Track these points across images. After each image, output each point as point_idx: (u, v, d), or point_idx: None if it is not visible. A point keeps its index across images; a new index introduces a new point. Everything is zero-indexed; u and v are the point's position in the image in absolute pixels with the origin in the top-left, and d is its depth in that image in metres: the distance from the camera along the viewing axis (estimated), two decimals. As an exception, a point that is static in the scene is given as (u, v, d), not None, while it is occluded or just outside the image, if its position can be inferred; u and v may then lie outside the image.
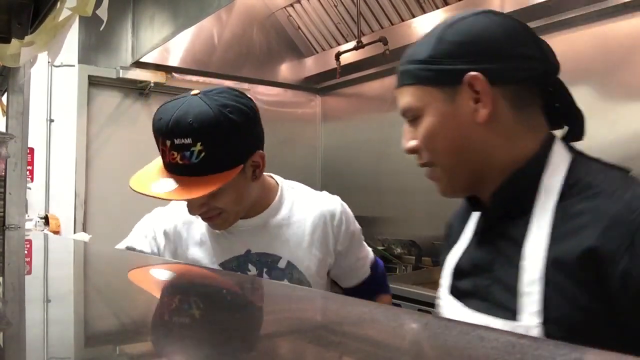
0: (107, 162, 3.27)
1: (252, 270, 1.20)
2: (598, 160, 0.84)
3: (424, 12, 3.03)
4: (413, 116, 0.83)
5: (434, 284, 2.51)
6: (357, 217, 1.39)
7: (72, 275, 1.03)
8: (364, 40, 3.07)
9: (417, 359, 0.43)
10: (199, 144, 1.04)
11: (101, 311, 0.69)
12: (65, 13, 1.39)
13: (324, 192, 1.36)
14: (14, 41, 1.61)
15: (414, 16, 3.10)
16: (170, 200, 1.16)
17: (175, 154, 1.05)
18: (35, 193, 3.06)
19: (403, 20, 3.17)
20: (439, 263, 0.96)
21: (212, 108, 1.06)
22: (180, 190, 1.06)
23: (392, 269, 3.06)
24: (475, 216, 0.89)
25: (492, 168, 0.80)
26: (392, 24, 3.24)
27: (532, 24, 2.66)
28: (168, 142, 1.05)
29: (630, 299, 0.67)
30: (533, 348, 0.41)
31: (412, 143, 0.85)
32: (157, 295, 0.80)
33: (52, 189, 3.18)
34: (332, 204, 1.30)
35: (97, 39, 3.27)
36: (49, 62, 3.11)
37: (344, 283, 1.37)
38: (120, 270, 1.07)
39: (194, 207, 1.13)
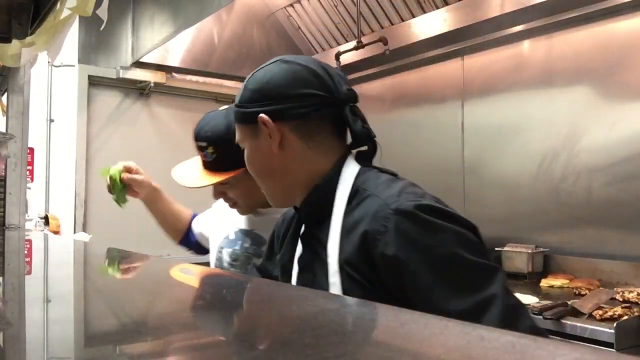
0: (107, 162, 3.26)
1: (247, 243, 1.54)
2: (376, 169, 1.02)
3: (424, 12, 3.03)
4: (242, 147, 1.06)
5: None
6: (357, 217, 1.39)
7: (72, 275, 1.04)
8: (364, 40, 3.07)
9: (417, 359, 0.43)
10: (211, 147, 1.42)
11: (101, 311, 0.69)
12: (65, 13, 1.39)
13: None
14: (15, 41, 1.61)
15: (414, 16, 3.10)
16: (189, 186, 1.46)
17: (200, 152, 1.46)
18: (35, 193, 3.06)
19: (403, 20, 3.17)
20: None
21: (226, 121, 1.40)
22: (196, 180, 1.45)
23: (392, 269, 3.06)
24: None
25: (296, 186, 1.01)
26: (392, 24, 3.23)
27: (532, 24, 2.69)
28: (195, 143, 1.46)
29: (389, 275, 0.86)
30: (533, 348, 0.41)
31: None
32: (157, 295, 0.80)
33: (52, 189, 3.18)
34: None
35: (97, 39, 3.27)
36: (49, 62, 3.11)
37: None
38: (120, 270, 1.07)
39: (215, 194, 1.51)
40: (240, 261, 1.54)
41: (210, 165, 1.45)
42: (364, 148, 1.03)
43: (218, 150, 1.41)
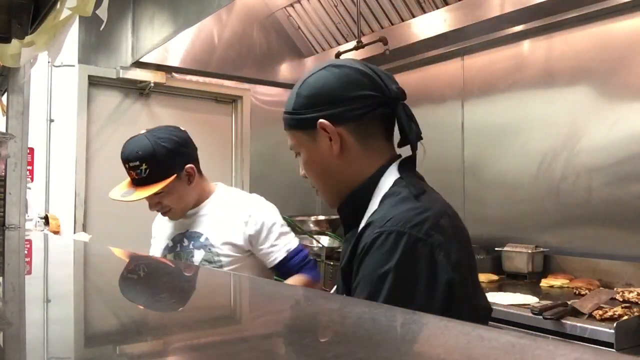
0: (107, 162, 3.27)
1: (186, 242, 1.79)
2: (412, 178, 1.01)
3: (424, 12, 3.03)
4: (296, 152, 1.08)
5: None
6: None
7: (72, 275, 1.04)
8: (364, 40, 3.07)
9: (417, 359, 0.43)
10: (144, 165, 1.66)
11: (101, 311, 0.69)
12: (65, 13, 1.39)
13: (253, 195, 1.94)
14: (14, 41, 1.61)
15: (414, 16, 3.10)
16: (132, 201, 1.69)
17: (133, 172, 1.69)
18: (35, 193, 3.06)
19: (403, 20, 3.17)
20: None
21: (151, 141, 1.68)
22: (137, 194, 1.68)
23: (392, 269, 3.06)
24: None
25: (350, 187, 1.03)
26: (392, 24, 3.24)
27: (532, 24, 2.69)
28: (127, 166, 1.70)
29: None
30: (533, 348, 0.41)
31: (302, 172, 1.10)
32: (158, 295, 0.80)
33: (52, 189, 3.18)
34: (250, 204, 1.84)
35: (97, 39, 3.27)
36: (49, 62, 3.11)
37: (266, 264, 1.79)
38: (120, 270, 1.07)
39: (151, 205, 1.77)
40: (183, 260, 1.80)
41: (144, 181, 1.68)
42: (409, 154, 1.03)
43: (151, 165, 1.66)
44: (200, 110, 3.76)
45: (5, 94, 1.96)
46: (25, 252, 1.40)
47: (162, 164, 1.67)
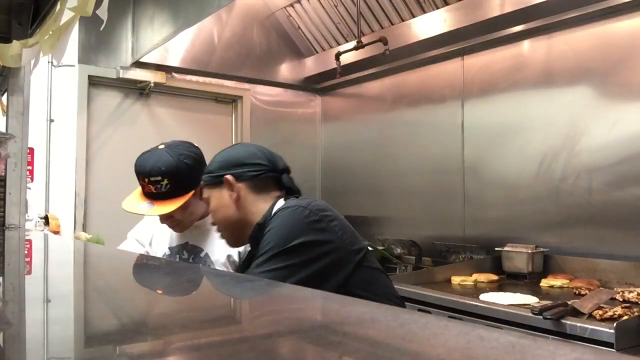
0: (107, 162, 3.27)
1: (185, 255, 1.82)
2: (293, 198, 1.39)
3: (424, 12, 3.03)
4: (208, 203, 1.48)
5: (434, 284, 2.51)
6: (358, 217, 1.43)
7: (72, 275, 1.04)
8: (364, 40, 3.07)
9: (417, 359, 0.43)
10: (166, 180, 1.68)
11: (101, 311, 0.69)
12: (65, 13, 1.39)
13: None
14: (15, 42, 1.61)
15: (414, 16, 3.10)
16: (153, 215, 1.73)
17: (152, 187, 1.69)
18: (35, 193, 3.06)
19: (403, 20, 3.17)
20: (438, 263, 1.07)
21: (173, 157, 1.70)
22: (157, 209, 1.71)
23: (392, 269, 3.06)
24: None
25: (249, 226, 1.39)
26: (392, 24, 3.24)
27: (532, 24, 2.69)
28: (146, 179, 1.69)
29: None
30: (533, 348, 0.41)
31: (210, 220, 1.53)
32: (158, 295, 0.80)
33: (52, 189, 3.17)
34: None
35: (97, 39, 3.27)
36: (49, 62, 3.11)
37: None
38: (120, 270, 1.07)
39: (163, 219, 1.76)
40: None
41: (162, 196, 1.69)
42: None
43: (173, 181, 1.68)
44: (200, 110, 3.76)
45: (5, 94, 1.96)
46: (25, 252, 1.40)
47: (184, 180, 1.69)
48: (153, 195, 1.70)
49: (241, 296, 0.78)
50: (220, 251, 1.77)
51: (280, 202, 1.38)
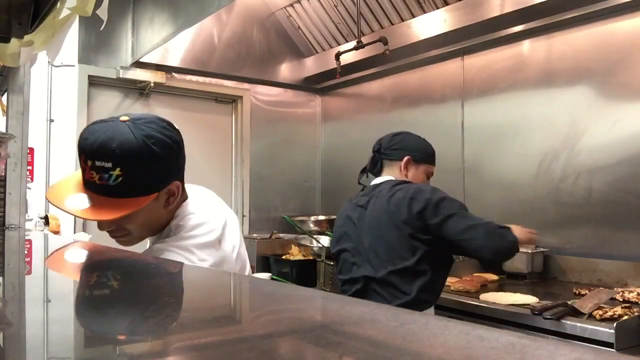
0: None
1: None
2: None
3: (424, 12, 3.03)
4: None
5: (434, 284, 2.49)
6: (357, 217, 1.38)
7: (72, 276, 1.03)
8: (364, 40, 3.07)
9: (417, 359, 0.43)
10: (118, 169, 1.10)
11: (101, 311, 0.69)
12: (65, 13, 1.39)
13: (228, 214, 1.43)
14: (14, 41, 1.61)
15: (414, 16, 3.10)
16: (82, 218, 1.23)
17: (94, 173, 1.12)
18: (35, 193, 3.06)
19: (403, 20, 3.17)
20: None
21: (137, 138, 1.12)
22: (92, 210, 1.13)
23: (392, 269, 3.06)
24: None
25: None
26: (392, 24, 3.24)
27: (532, 24, 2.69)
28: (89, 162, 1.12)
29: None
30: (533, 348, 0.41)
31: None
32: (158, 295, 0.80)
33: (52, 189, 3.17)
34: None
35: (97, 39, 3.27)
36: (49, 62, 3.11)
37: None
38: (120, 270, 1.07)
39: (103, 225, 1.19)
40: None
41: (109, 191, 1.12)
42: None
43: (127, 174, 1.11)
44: (200, 110, 3.76)
45: (5, 94, 1.96)
46: (25, 252, 1.40)
47: (144, 176, 1.14)
48: (95, 187, 1.12)
49: (241, 296, 0.78)
50: None
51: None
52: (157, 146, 1.14)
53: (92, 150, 1.11)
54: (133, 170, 1.12)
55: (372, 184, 2.18)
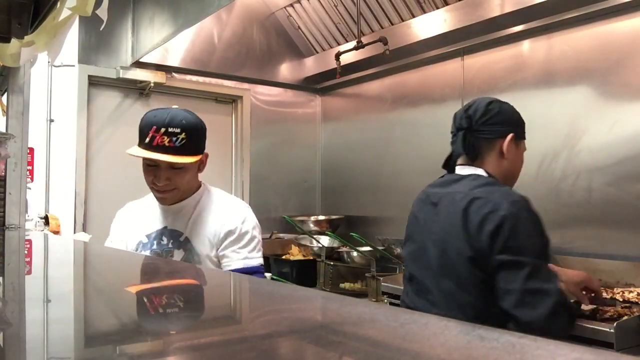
0: (107, 162, 3.27)
1: (165, 240, 1.74)
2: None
3: (424, 12, 3.03)
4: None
5: (434, 284, 2.49)
6: (357, 217, 1.41)
7: (72, 275, 1.04)
8: (364, 40, 3.07)
9: (417, 359, 0.43)
10: (184, 134, 1.64)
11: (101, 311, 0.69)
12: (65, 13, 1.39)
13: (242, 202, 1.89)
14: (14, 41, 1.61)
15: (414, 16, 3.10)
16: (166, 160, 1.63)
17: (166, 138, 1.63)
18: (35, 193, 3.06)
19: (403, 20, 3.17)
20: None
21: (192, 115, 1.72)
22: (171, 157, 1.62)
23: (392, 269, 3.06)
24: None
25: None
26: (392, 24, 3.24)
27: (532, 24, 2.68)
28: (162, 129, 1.64)
29: None
30: (533, 348, 0.41)
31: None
32: (158, 295, 0.80)
33: (52, 189, 3.17)
34: (234, 207, 1.81)
35: (97, 39, 3.27)
36: (49, 62, 3.11)
37: (221, 267, 1.75)
38: (120, 270, 1.07)
39: (162, 179, 1.67)
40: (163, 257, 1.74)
41: (175, 150, 1.62)
42: None
43: (190, 137, 1.64)
44: (200, 110, 3.73)
45: (5, 94, 1.96)
46: (25, 252, 1.40)
47: (199, 139, 1.70)
48: (164, 148, 1.62)
49: (241, 296, 0.78)
50: (200, 235, 1.71)
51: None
52: (202, 123, 1.73)
53: (167, 122, 1.64)
54: (192, 135, 1.65)
55: (456, 173, 1.73)
